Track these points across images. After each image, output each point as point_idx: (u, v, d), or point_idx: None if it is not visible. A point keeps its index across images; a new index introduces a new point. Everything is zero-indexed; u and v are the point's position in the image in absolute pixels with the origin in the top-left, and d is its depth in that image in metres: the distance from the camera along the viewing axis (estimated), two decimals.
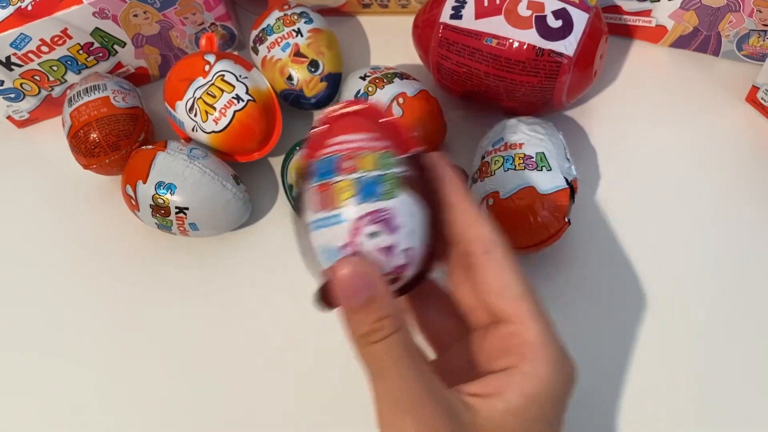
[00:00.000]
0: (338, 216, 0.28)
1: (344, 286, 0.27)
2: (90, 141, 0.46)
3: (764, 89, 0.46)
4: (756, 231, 0.44)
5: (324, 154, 0.29)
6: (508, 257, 0.30)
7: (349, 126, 0.29)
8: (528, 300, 0.29)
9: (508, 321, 0.29)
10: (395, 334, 0.27)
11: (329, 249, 0.28)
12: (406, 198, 0.28)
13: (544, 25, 0.42)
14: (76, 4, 0.46)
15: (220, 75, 0.46)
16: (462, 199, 0.30)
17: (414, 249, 0.29)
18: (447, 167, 0.31)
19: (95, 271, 0.48)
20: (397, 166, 0.28)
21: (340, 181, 0.28)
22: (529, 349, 0.29)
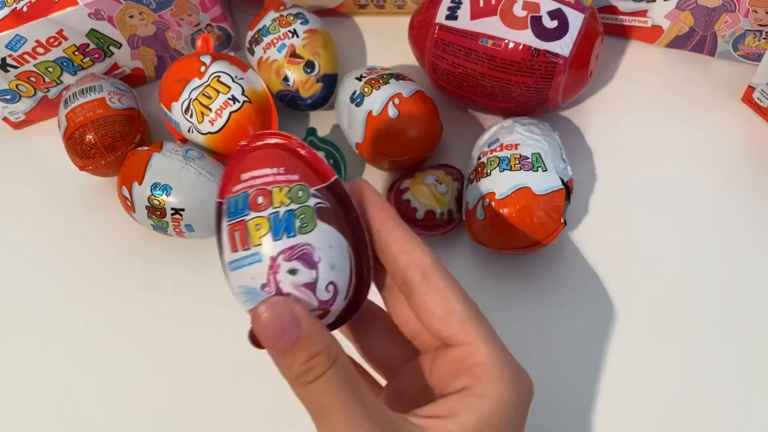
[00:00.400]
0: (255, 255, 0.27)
1: (267, 330, 0.26)
2: (86, 142, 0.46)
3: (760, 89, 0.46)
4: (753, 231, 0.44)
5: (236, 191, 0.28)
6: (446, 280, 0.29)
7: (259, 160, 0.28)
8: (474, 322, 0.29)
9: (457, 345, 0.29)
10: (330, 370, 0.26)
11: (249, 289, 0.27)
12: (323, 230, 0.27)
13: (540, 25, 0.42)
14: (72, 5, 0.46)
15: (216, 76, 0.46)
16: (391, 225, 0.29)
17: (337, 282, 0.28)
18: (371, 194, 0.30)
19: (91, 272, 0.48)
20: (311, 199, 0.27)
21: (254, 218, 0.27)
22: (481, 371, 0.28)
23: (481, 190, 0.42)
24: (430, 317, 0.29)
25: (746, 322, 0.42)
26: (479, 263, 0.45)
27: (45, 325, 0.46)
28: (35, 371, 0.45)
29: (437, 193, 0.44)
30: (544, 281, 0.44)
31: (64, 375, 0.44)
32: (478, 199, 0.42)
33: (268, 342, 0.26)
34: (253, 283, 0.27)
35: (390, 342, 0.33)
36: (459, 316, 0.29)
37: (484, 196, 0.42)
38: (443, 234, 0.44)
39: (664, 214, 0.45)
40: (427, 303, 0.29)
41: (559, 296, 0.43)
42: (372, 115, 0.44)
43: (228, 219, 0.28)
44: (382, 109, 0.44)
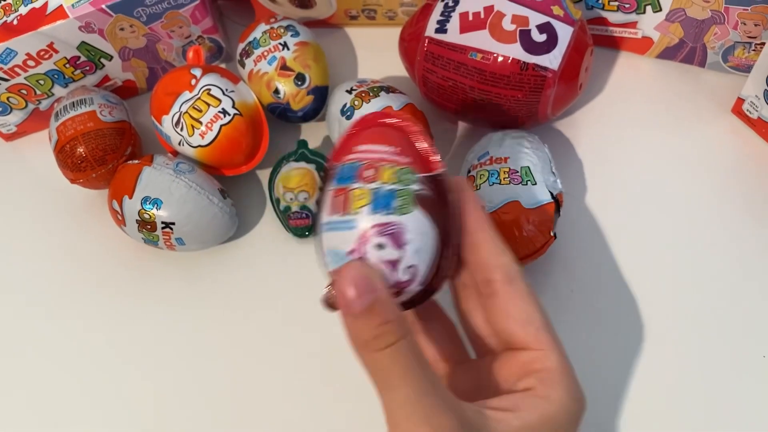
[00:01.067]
0: (350, 222, 0.28)
1: (345, 290, 0.27)
2: (76, 155, 0.46)
3: (749, 101, 0.46)
4: (742, 241, 0.45)
5: (348, 160, 0.30)
6: (529, 288, 0.31)
7: (377, 136, 0.30)
8: (549, 330, 0.30)
9: (528, 349, 0.30)
10: (402, 341, 0.27)
11: (337, 252, 0.29)
12: (418, 216, 0.28)
13: (529, 39, 0.42)
14: (62, 18, 0.46)
15: (207, 89, 0.46)
16: (485, 226, 0.31)
17: (418, 267, 0.29)
18: (471, 193, 0.31)
19: (82, 285, 0.48)
20: (415, 184, 0.29)
21: (358, 188, 0.29)
22: (548, 375, 0.29)
23: None
24: (510, 320, 0.30)
25: (739, 331, 0.42)
26: None
27: (35, 337, 0.46)
28: (24, 384, 0.45)
29: None
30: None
31: (55, 388, 0.44)
32: None
33: (345, 302, 0.27)
34: (341, 247, 0.28)
35: (444, 342, 0.34)
36: (537, 323, 0.30)
37: None
38: None
39: (655, 226, 0.45)
40: (508, 306, 0.30)
41: (550, 309, 0.43)
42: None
43: (335, 183, 0.30)
44: None
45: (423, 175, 0.29)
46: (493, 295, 0.31)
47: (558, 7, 0.43)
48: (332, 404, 0.42)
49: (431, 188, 0.29)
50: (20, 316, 0.47)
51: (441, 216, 0.29)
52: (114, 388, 0.44)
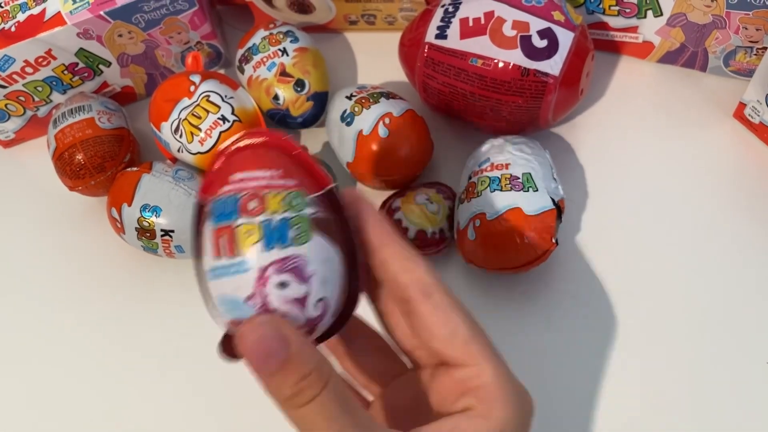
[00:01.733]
0: (242, 264, 0.25)
1: (253, 351, 0.24)
2: (75, 163, 0.46)
3: (751, 106, 0.46)
4: (744, 246, 0.44)
5: (225, 193, 0.25)
6: (448, 298, 0.28)
7: (253, 160, 0.26)
8: (478, 342, 0.28)
9: (459, 365, 0.28)
10: (323, 391, 0.25)
11: (232, 300, 0.25)
12: (319, 242, 0.25)
13: (529, 45, 0.42)
14: (60, 25, 0.46)
15: (206, 96, 0.46)
16: (390, 240, 0.28)
17: (328, 298, 0.26)
18: (367, 205, 0.28)
19: (81, 292, 0.47)
20: (308, 207, 0.25)
21: (243, 224, 0.25)
22: (485, 392, 0.27)
23: (472, 210, 0.42)
24: (433, 338, 0.28)
25: (742, 337, 0.42)
26: (471, 282, 0.44)
27: (34, 344, 0.46)
28: (23, 390, 0.44)
29: (428, 212, 0.44)
30: (536, 301, 0.44)
31: (53, 394, 0.44)
32: (469, 219, 0.42)
33: (255, 364, 0.24)
34: (236, 294, 0.25)
35: (376, 357, 0.33)
36: (463, 337, 0.28)
37: (475, 216, 0.41)
38: (434, 253, 0.44)
39: (657, 231, 0.45)
40: (429, 323, 0.28)
41: (551, 315, 0.43)
42: (362, 134, 0.44)
43: (213, 222, 0.25)
44: (372, 129, 0.44)
45: (314, 196, 0.26)
46: (412, 312, 0.28)
47: (559, 12, 0.43)
48: None
49: (325, 207, 0.26)
50: (19, 323, 0.47)
51: (341, 235, 0.26)
52: (113, 396, 0.44)
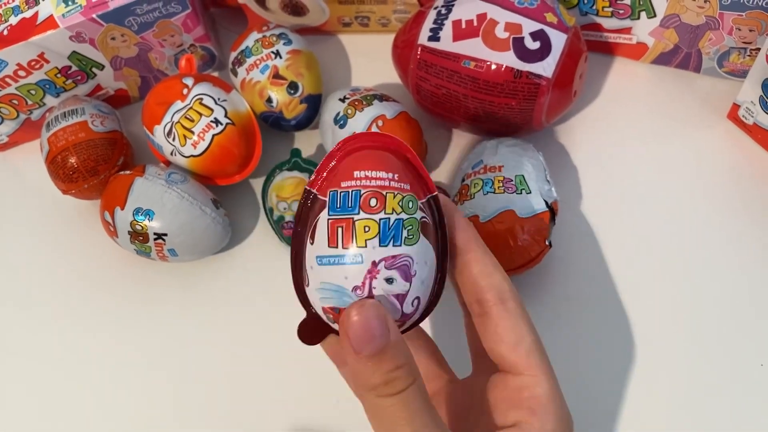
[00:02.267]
0: (356, 255, 0.27)
1: (357, 332, 0.25)
2: (68, 166, 0.46)
3: (745, 107, 0.46)
4: (738, 248, 0.44)
5: (347, 187, 0.27)
6: (521, 308, 0.30)
7: (375, 160, 0.28)
8: (539, 354, 0.30)
9: (518, 373, 0.29)
10: (412, 386, 0.26)
11: (338, 288, 0.27)
12: (424, 244, 0.27)
13: (522, 46, 0.42)
14: (53, 28, 0.46)
15: (198, 98, 0.45)
16: (474, 245, 0.30)
17: (422, 298, 0.28)
18: (455, 211, 0.30)
19: (74, 296, 0.47)
20: (419, 211, 0.28)
21: (364, 219, 0.27)
22: (538, 405, 0.29)
23: (465, 212, 0.42)
24: (500, 342, 0.29)
25: (737, 339, 0.42)
26: None
27: (27, 347, 0.46)
28: (17, 392, 0.44)
29: None
30: (530, 303, 0.43)
31: (47, 396, 0.44)
32: None
33: (356, 344, 0.26)
34: (344, 282, 0.27)
35: (431, 360, 0.34)
36: (527, 346, 0.29)
37: (468, 219, 0.41)
38: None
39: (651, 233, 0.45)
40: (499, 327, 0.29)
41: (545, 318, 0.43)
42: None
43: (332, 212, 0.27)
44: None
45: (423, 201, 0.28)
46: (484, 315, 0.30)
47: (551, 14, 0.43)
48: (330, 411, 0.41)
49: (429, 213, 0.29)
50: (12, 327, 0.47)
51: (437, 239, 0.29)
52: (107, 398, 0.44)
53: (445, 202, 0.30)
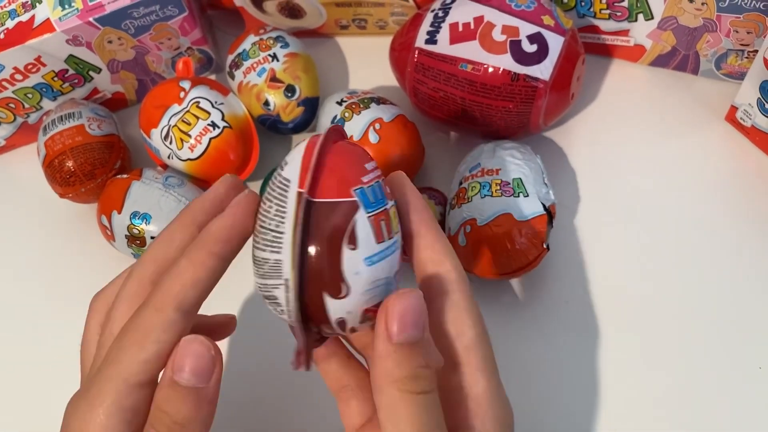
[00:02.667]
0: (395, 242, 0.27)
1: (398, 316, 0.24)
2: (65, 170, 0.46)
3: (743, 109, 0.46)
4: (736, 250, 0.44)
5: (368, 182, 0.26)
6: (466, 300, 0.28)
7: (362, 152, 0.28)
8: (479, 350, 0.27)
9: (456, 370, 0.27)
10: (434, 393, 0.25)
11: (386, 280, 0.26)
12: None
13: (519, 49, 0.42)
14: (49, 32, 0.45)
15: (195, 102, 0.45)
16: (426, 229, 0.28)
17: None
18: (411, 191, 0.29)
19: (71, 299, 0.47)
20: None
21: (391, 207, 0.27)
22: (475, 405, 0.27)
23: (462, 216, 0.42)
24: (441, 335, 0.28)
25: (735, 341, 0.42)
26: None
27: (22, 351, 0.46)
28: (13, 398, 0.44)
29: None
30: (527, 306, 0.44)
31: (43, 402, 0.44)
32: (460, 225, 0.42)
33: (394, 328, 0.24)
34: (390, 272, 0.26)
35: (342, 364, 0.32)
36: (467, 341, 0.27)
37: (466, 222, 0.41)
38: None
39: (648, 235, 0.45)
40: (439, 320, 0.28)
41: (543, 321, 0.43)
42: (353, 140, 0.44)
43: (369, 209, 0.26)
44: (362, 135, 0.44)
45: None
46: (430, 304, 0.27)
47: (548, 16, 0.43)
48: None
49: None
50: (8, 330, 0.46)
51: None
52: None
53: (398, 180, 0.29)
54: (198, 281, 0.26)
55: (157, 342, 0.25)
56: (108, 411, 0.25)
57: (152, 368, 0.26)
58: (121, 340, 0.26)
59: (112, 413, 0.25)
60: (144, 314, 0.26)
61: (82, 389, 0.27)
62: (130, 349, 0.26)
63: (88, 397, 0.26)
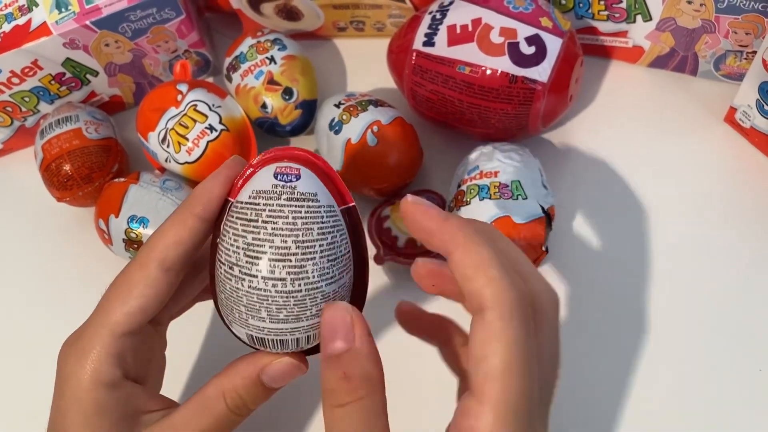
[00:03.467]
0: None
1: (324, 329, 0.26)
2: (62, 174, 0.45)
3: (742, 110, 0.46)
4: (736, 251, 0.44)
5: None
6: (502, 320, 0.24)
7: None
8: (503, 380, 0.24)
9: (473, 397, 0.25)
10: (362, 402, 0.25)
11: None
12: None
13: (517, 51, 0.42)
14: (46, 35, 0.45)
15: (193, 105, 0.45)
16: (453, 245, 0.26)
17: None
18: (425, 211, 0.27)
19: (69, 303, 0.47)
20: None
21: None
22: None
23: None
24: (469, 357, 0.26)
25: (736, 343, 0.41)
26: None
27: (20, 355, 0.45)
28: (13, 400, 0.44)
29: None
30: None
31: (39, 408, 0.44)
32: None
33: (322, 339, 0.26)
34: None
35: None
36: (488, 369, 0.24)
37: None
38: None
39: (647, 237, 0.45)
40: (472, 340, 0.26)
41: None
42: (350, 143, 0.44)
43: None
44: (360, 137, 0.43)
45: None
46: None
47: (547, 18, 0.43)
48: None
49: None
50: (5, 334, 0.46)
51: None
52: None
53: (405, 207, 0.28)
54: (180, 240, 0.28)
55: (140, 296, 0.28)
56: (98, 357, 0.28)
57: (136, 320, 0.29)
58: (109, 292, 0.29)
59: (101, 359, 0.28)
60: (130, 269, 0.29)
61: (74, 336, 0.30)
62: (115, 302, 0.28)
63: (79, 344, 0.29)
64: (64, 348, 0.30)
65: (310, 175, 0.28)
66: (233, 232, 0.27)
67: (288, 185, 0.27)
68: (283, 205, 0.27)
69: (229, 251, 0.27)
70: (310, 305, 0.27)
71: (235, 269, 0.27)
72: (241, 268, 0.26)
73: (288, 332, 0.27)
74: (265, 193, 0.27)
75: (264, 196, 0.27)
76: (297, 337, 0.28)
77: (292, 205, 0.27)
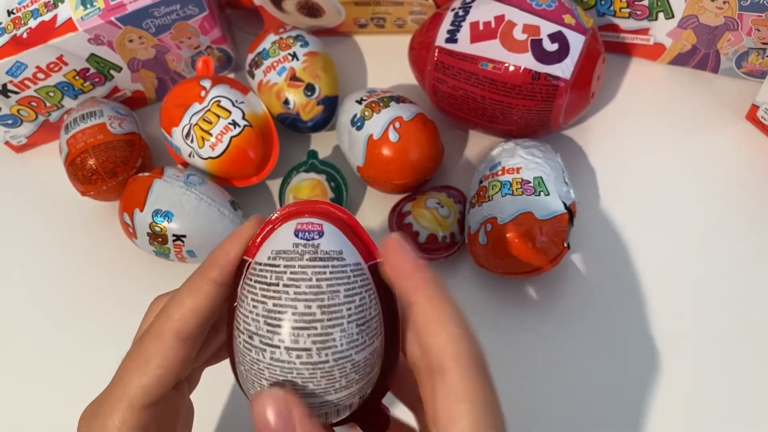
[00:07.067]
0: None
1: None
2: (87, 168, 0.46)
3: (764, 108, 0.46)
4: (757, 249, 0.44)
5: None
6: (464, 379, 0.24)
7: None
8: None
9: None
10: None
11: None
12: None
13: (540, 48, 0.42)
14: (71, 31, 0.46)
15: (216, 101, 0.46)
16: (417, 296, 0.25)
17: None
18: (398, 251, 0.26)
19: (93, 297, 0.48)
20: None
21: None
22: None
23: (483, 214, 0.42)
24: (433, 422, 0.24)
25: (757, 343, 0.41)
26: (482, 286, 0.44)
27: (45, 348, 0.46)
28: (31, 396, 0.45)
29: (439, 216, 0.44)
30: (547, 305, 0.44)
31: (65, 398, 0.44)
32: (481, 223, 0.42)
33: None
34: None
35: None
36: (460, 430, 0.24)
37: (487, 220, 0.41)
38: (445, 257, 0.44)
39: (669, 234, 0.45)
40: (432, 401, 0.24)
41: (564, 320, 0.43)
42: (373, 139, 0.44)
43: None
44: (382, 133, 0.44)
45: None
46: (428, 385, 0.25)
47: (569, 15, 0.43)
48: None
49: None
50: (30, 327, 0.47)
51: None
52: None
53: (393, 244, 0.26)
54: (197, 309, 0.27)
55: (157, 368, 0.26)
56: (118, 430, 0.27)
57: (155, 392, 0.27)
58: (126, 364, 0.28)
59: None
60: (146, 340, 0.27)
61: (92, 409, 0.29)
62: (133, 375, 0.27)
63: (100, 420, 0.27)
64: (83, 422, 0.28)
65: (334, 230, 0.26)
66: (252, 297, 0.25)
67: (310, 243, 0.25)
68: (305, 266, 0.24)
69: (248, 318, 0.25)
70: (339, 377, 0.24)
71: (255, 339, 0.25)
72: (261, 338, 0.24)
73: (316, 407, 0.25)
74: (286, 254, 0.25)
75: (284, 257, 0.25)
76: (325, 412, 0.25)
77: (315, 265, 0.24)
